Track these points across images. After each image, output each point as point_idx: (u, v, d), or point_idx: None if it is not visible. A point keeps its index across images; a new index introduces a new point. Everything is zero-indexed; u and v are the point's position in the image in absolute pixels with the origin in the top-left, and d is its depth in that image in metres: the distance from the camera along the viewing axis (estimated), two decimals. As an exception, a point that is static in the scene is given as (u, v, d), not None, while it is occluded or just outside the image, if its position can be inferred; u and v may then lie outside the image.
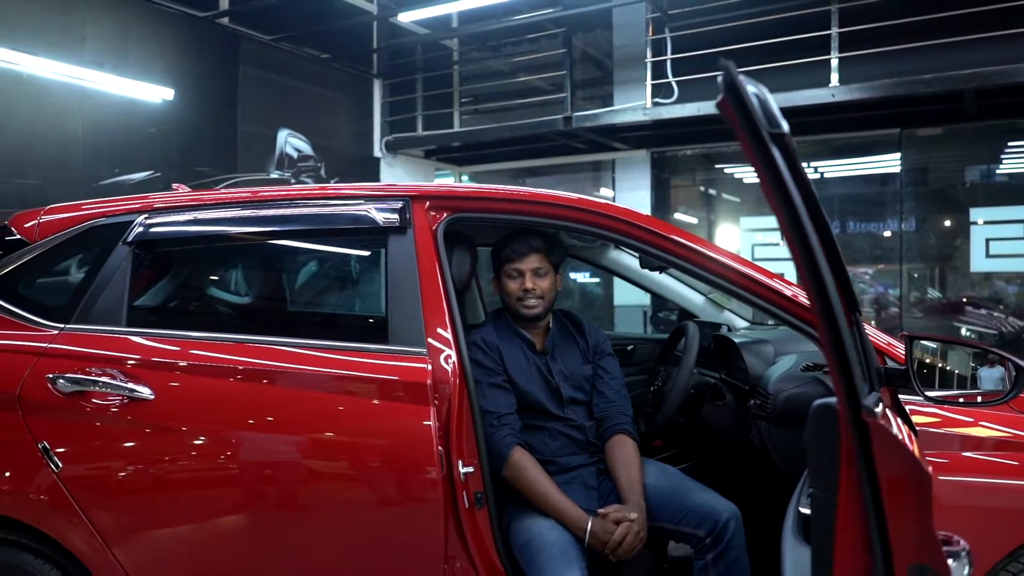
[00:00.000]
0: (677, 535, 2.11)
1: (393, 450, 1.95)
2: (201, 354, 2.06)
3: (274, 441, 1.98)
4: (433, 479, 1.90)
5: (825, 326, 0.99)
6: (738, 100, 0.96)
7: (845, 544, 1.05)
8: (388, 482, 1.96)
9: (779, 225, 1.02)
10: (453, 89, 8.36)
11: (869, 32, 5.77)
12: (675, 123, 6.82)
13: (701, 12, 6.47)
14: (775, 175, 0.95)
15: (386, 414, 1.96)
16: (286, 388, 2.01)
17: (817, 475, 1.11)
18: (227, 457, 1.98)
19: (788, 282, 2.11)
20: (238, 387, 2.02)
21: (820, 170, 7.48)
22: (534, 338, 2.31)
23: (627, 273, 3.50)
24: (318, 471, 1.98)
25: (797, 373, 2.22)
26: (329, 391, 1.99)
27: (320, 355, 2.04)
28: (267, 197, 2.22)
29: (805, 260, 0.98)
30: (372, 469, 1.96)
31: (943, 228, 7.18)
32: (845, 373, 1.00)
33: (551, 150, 8.02)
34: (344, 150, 7.61)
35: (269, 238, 2.34)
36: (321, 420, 1.99)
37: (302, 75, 7.11)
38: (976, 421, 1.92)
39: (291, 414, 1.99)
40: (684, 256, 2.09)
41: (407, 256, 2.10)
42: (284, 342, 2.07)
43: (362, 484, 1.97)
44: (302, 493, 1.98)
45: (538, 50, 7.83)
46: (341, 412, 1.99)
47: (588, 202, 2.17)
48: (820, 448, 1.10)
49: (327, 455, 1.98)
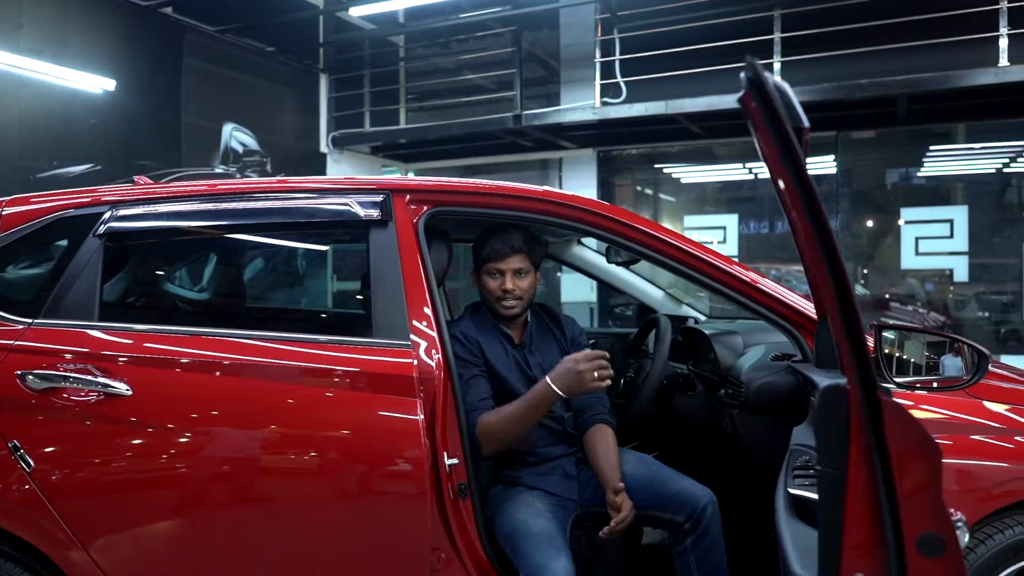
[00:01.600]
0: (656, 521, 2.17)
1: (381, 444, 1.96)
2: (180, 349, 2.03)
3: (259, 436, 1.97)
4: (421, 472, 1.92)
5: (841, 314, 1.05)
6: (762, 95, 1.00)
7: (854, 516, 1.11)
8: (376, 476, 1.97)
9: (793, 218, 1.07)
10: (400, 86, 8.33)
11: (810, 37, 5.98)
12: (622, 123, 6.94)
13: (649, 14, 6.60)
14: (797, 169, 1.00)
15: (373, 408, 1.97)
16: (270, 382, 1.99)
17: (825, 453, 1.16)
18: (212, 454, 1.95)
19: (760, 275, 2.19)
20: (221, 382, 1.99)
21: (755, 171, 7.71)
22: (512, 332, 2.34)
23: (589, 268, 3.56)
24: (304, 466, 1.97)
25: (768, 363, 2.30)
26: (314, 385, 1.98)
27: (304, 350, 2.03)
28: (246, 189, 2.19)
29: (825, 252, 1.03)
30: (359, 463, 1.96)
31: (875, 227, 7.48)
32: (859, 357, 1.05)
33: (499, 148, 8.05)
34: (290, 145, 7.50)
35: (248, 231, 2.32)
36: (307, 414, 1.98)
37: (248, 68, 6.97)
38: (916, 405, 1.99)
39: (276, 409, 1.97)
40: (670, 254, 2.15)
41: (389, 250, 2.11)
42: (266, 336, 2.05)
43: (349, 478, 1.96)
44: (288, 488, 1.97)
45: (486, 48, 7.86)
46: (327, 406, 1.99)
47: (574, 198, 2.21)
48: (828, 428, 1.16)
49: (313, 449, 1.97)
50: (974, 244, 6.54)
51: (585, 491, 2.26)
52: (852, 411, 1.11)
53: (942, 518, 1.03)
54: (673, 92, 6.44)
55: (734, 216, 7.51)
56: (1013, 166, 6.62)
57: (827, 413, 1.14)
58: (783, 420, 2.18)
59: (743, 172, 7.83)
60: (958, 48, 5.53)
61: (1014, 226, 6.40)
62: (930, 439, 1.04)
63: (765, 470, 2.34)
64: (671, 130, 7.11)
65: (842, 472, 1.14)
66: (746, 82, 1.03)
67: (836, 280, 1.04)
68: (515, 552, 2.00)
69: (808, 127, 1.01)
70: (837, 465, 1.15)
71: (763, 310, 2.16)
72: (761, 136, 1.04)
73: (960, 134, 6.95)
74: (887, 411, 1.04)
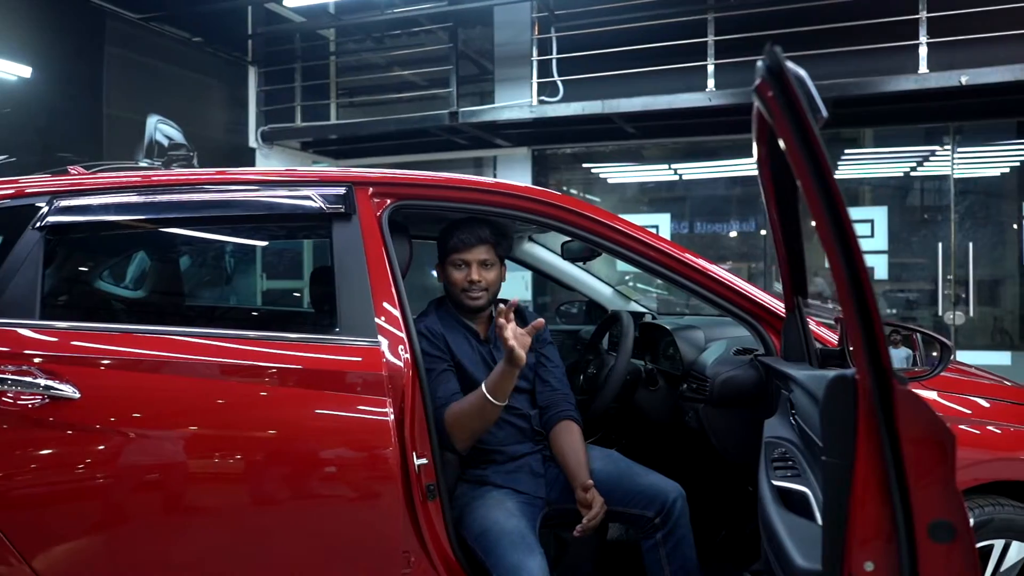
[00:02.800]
0: (625, 517, 2.17)
1: (350, 445, 1.89)
2: (134, 350, 1.91)
3: (223, 439, 1.87)
4: (391, 473, 1.86)
5: (857, 306, 1.05)
6: (781, 84, 1.00)
7: (862, 505, 1.12)
8: (346, 479, 1.90)
9: (812, 211, 1.07)
10: (330, 80, 8.15)
11: (742, 41, 6.13)
12: (557, 122, 6.96)
13: (586, 14, 6.64)
14: (817, 159, 1.00)
15: (342, 407, 1.90)
16: (232, 383, 1.90)
17: (831, 443, 1.17)
18: (174, 459, 1.84)
19: (724, 270, 2.22)
20: (181, 383, 1.88)
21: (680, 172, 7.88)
22: (477, 327, 2.30)
23: (539, 265, 3.55)
24: (270, 470, 1.88)
25: (731, 357, 2.33)
26: (278, 385, 1.90)
27: (268, 349, 1.94)
28: (201, 180, 2.09)
29: (842, 243, 1.03)
30: (328, 465, 1.89)
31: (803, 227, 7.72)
32: (873, 346, 1.06)
33: (432, 145, 7.98)
34: (217, 139, 7.24)
35: (204, 224, 2.20)
36: (271, 416, 1.89)
37: (173, 58, 6.69)
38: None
39: (239, 410, 1.88)
40: (636, 249, 2.16)
41: (354, 244, 2.04)
42: (230, 335, 1.95)
43: (317, 481, 1.89)
44: (254, 493, 1.87)
45: (418, 44, 7.77)
46: (292, 407, 1.91)
47: (541, 192, 2.19)
48: (834, 418, 1.16)
49: (279, 453, 1.89)
50: (893, 243, 6.82)
51: (552, 489, 2.24)
52: (860, 400, 1.11)
53: (955, 504, 1.05)
54: (608, 92, 6.50)
55: (666, 215, 7.65)
56: (925, 168, 6.94)
57: (834, 403, 1.15)
58: (748, 413, 2.21)
59: (674, 173, 7.98)
60: (881, 55, 5.75)
61: (930, 226, 6.70)
62: (943, 425, 1.05)
63: (727, 463, 2.37)
64: (605, 130, 7.18)
65: (849, 461, 1.15)
66: (764, 70, 1.02)
67: (852, 272, 1.04)
68: (488, 552, 1.96)
69: (826, 116, 1.01)
70: (843, 455, 1.15)
71: (726, 304, 2.19)
72: (779, 126, 1.03)
73: (869, 138, 7.24)
74: (900, 399, 1.05)
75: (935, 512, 1.05)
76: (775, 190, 1.59)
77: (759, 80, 1.05)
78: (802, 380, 1.52)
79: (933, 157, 6.86)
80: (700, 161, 7.78)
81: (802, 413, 1.53)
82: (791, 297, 1.92)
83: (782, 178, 1.55)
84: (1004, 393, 2.24)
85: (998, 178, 6.79)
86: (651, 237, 2.19)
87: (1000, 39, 5.57)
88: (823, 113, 1.01)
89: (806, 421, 1.47)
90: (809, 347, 1.95)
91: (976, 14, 5.59)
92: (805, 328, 1.94)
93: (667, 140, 7.51)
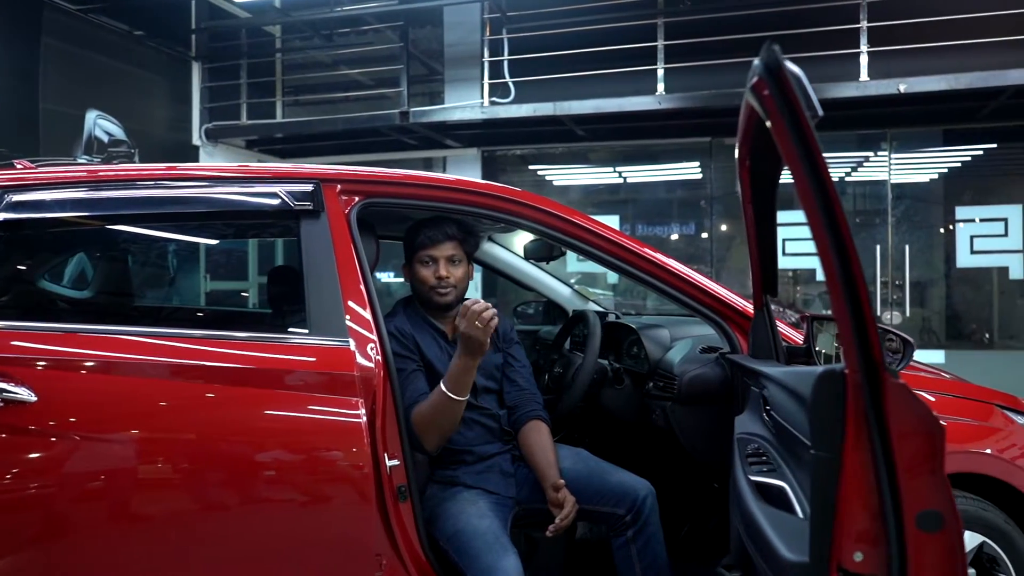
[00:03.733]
0: (596, 515, 2.17)
1: (323, 447, 1.85)
2: (94, 352, 1.83)
3: (193, 443, 1.81)
4: (364, 476, 1.83)
5: (848, 299, 1.07)
6: (778, 82, 1.01)
7: (850, 497, 1.14)
8: (316, 481, 1.86)
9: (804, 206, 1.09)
10: (277, 78, 8.00)
11: (691, 46, 6.24)
12: (508, 123, 6.97)
13: (538, 16, 6.67)
14: (813, 159, 1.02)
15: (313, 409, 1.86)
16: (200, 385, 1.84)
17: (818, 437, 1.19)
18: (138, 464, 1.78)
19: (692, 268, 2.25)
20: (145, 385, 1.81)
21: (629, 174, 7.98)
22: (446, 327, 2.28)
23: (496, 264, 3.55)
24: (242, 473, 1.83)
25: (698, 355, 2.36)
26: (248, 386, 1.85)
27: (233, 351, 1.89)
28: (162, 175, 2.02)
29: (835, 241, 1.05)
30: (299, 468, 1.85)
31: (744, 230, 7.88)
32: (864, 341, 1.08)
33: (381, 145, 7.90)
34: (160, 136, 7.03)
35: (168, 221, 2.13)
36: (241, 418, 1.84)
37: (113, 52, 6.47)
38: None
39: (208, 413, 1.83)
40: (604, 248, 2.17)
41: (323, 242, 2.00)
42: (196, 336, 1.89)
43: (289, 485, 1.85)
44: (226, 496, 1.82)
45: (367, 43, 7.69)
46: (262, 408, 1.86)
47: (510, 191, 2.18)
48: (823, 413, 1.19)
49: (250, 456, 1.84)
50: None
51: (522, 488, 2.24)
52: (850, 395, 1.14)
53: (943, 495, 1.08)
54: (558, 94, 6.53)
55: (615, 217, 7.73)
56: (863, 173, 7.17)
57: (823, 399, 1.17)
58: (714, 411, 2.24)
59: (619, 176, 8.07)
60: (825, 63, 5.92)
61: (868, 230, 6.92)
62: (933, 417, 1.09)
63: (692, 460, 2.40)
64: (555, 132, 7.22)
65: (837, 455, 1.17)
66: (761, 68, 1.04)
67: (844, 267, 1.06)
68: (461, 553, 1.95)
69: (822, 115, 1.03)
70: (832, 448, 1.18)
71: (693, 303, 2.21)
72: (775, 124, 1.05)
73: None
74: (892, 392, 1.08)
75: (924, 502, 1.08)
76: (752, 189, 1.62)
77: (756, 78, 1.06)
78: (780, 378, 1.55)
79: (869, 163, 7.09)
80: (648, 164, 7.89)
81: (780, 409, 1.55)
82: (760, 295, 1.96)
83: (762, 177, 1.58)
84: (957, 389, 2.33)
85: (931, 183, 7.06)
86: (621, 237, 2.21)
87: (935, 49, 5.79)
88: (819, 111, 1.03)
89: (786, 417, 1.50)
90: (777, 345, 1.99)
91: (913, 25, 5.80)
92: (773, 326, 1.98)
93: (617, 143, 7.59)
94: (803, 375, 1.37)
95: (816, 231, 1.07)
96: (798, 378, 1.42)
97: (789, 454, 1.59)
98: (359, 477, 1.83)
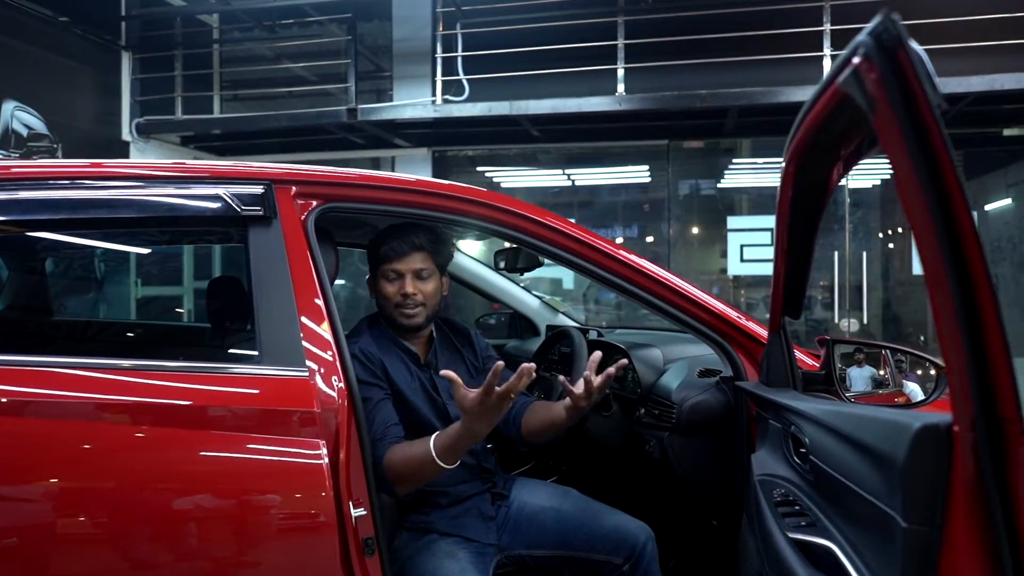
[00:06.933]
0: (590, 565, 1.92)
1: (278, 496, 1.56)
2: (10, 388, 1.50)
3: (119, 495, 1.49)
4: (326, 525, 1.55)
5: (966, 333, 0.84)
6: (894, 64, 0.77)
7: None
8: (272, 535, 1.56)
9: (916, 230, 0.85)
10: (214, 71, 7.57)
11: (653, 47, 6.06)
12: (460, 122, 6.70)
13: (495, 11, 6.40)
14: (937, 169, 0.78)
15: (267, 451, 1.56)
16: (132, 426, 1.52)
17: (911, 505, 0.96)
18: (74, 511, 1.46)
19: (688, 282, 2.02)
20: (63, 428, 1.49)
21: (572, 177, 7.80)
22: (416, 349, 2.01)
23: (462, 275, 3.28)
24: (186, 526, 1.52)
25: (697, 380, 2.13)
26: (191, 426, 1.54)
27: (174, 384, 1.58)
28: (86, 173, 1.70)
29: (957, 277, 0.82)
30: (253, 522, 1.55)
31: (704, 235, 7.78)
32: (986, 392, 0.86)
33: (326, 144, 7.54)
34: (86, 130, 6.53)
35: (90, 227, 1.81)
36: (183, 462, 1.53)
37: (34, 38, 5.97)
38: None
39: (143, 456, 1.51)
40: (591, 258, 1.93)
41: (275, 253, 1.71)
42: (121, 366, 1.57)
43: (242, 540, 1.54)
44: (172, 550, 1.51)
45: (312, 36, 7.32)
46: (208, 451, 1.55)
47: (488, 195, 1.92)
48: (919, 476, 0.96)
49: (194, 507, 1.53)
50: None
51: (504, 534, 1.97)
52: (957, 458, 0.91)
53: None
54: (513, 93, 6.29)
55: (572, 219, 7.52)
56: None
57: (921, 459, 0.94)
58: (716, 442, 2.02)
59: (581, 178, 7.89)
60: (787, 65, 5.81)
61: (827, 235, 6.85)
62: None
63: (687, 492, 2.18)
64: (509, 132, 6.98)
65: (935, 530, 0.94)
66: (871, 44, 0.79)
67: (969, 307, 0.83)
68: (440, 617, 1.68)
69: (946, 107, 0.80)
70: (928, 521, 0.95)
71: (691, 321, 1.98)
72: (883, 120, 0.81)
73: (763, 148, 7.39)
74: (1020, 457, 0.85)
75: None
76: (794, 195, 1.38)
77: (859, 59, 0.82)
78: (827, 420, 1.32)
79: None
80: (603, 167, 7.71)
81: (827, 457, 1.32)
82: (779, 317, 1.73)
83: (807, 185, 1.34)
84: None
85: (889, 188, 7.04)
86: (609, 246, 1.97)
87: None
88: (944, 105, 0.80)
89: (838, 467, 1.26)
90: (794, 372, 1.77)
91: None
92: (791, 351, 1.76)
93: (573, 144, 7.38)
94: (871, 422, 1.14)
95: (930, 263, 0.84)
96: (859, 423, 1.19)
97: (832, 505, 1.36)
98: (322, 530, 1.54)
